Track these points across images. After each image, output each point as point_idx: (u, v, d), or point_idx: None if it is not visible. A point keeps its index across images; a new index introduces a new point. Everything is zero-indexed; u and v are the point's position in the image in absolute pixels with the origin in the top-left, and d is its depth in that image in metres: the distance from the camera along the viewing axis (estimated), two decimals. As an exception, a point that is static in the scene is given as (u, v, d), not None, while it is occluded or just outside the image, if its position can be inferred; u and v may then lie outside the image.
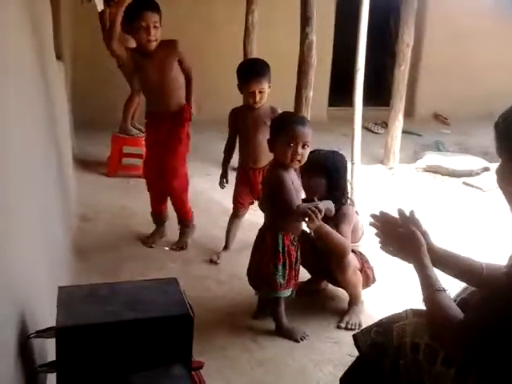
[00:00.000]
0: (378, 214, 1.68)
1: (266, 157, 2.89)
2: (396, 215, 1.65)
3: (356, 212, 2.68)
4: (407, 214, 1.63)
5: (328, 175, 2.58)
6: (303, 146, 2.32)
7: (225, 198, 3.72)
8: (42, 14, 2.77)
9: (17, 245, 1.44)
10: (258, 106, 2.99)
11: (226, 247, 3.21)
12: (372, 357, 1.53)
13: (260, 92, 2.94)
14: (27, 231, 1.64)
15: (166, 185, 3.21)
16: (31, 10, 2.31)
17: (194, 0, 6.03)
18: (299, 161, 2.35)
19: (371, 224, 1.71)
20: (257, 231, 2.53)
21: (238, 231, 3.27)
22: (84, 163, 4.54)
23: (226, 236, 3.22)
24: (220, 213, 3.73)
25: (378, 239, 1.69)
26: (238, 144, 3.21)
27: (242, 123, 3.08)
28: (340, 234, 2.47)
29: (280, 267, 2.39)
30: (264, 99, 2.98)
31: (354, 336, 1.63)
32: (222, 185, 3.20)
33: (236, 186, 3.22)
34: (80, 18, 5.06)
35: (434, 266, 1.57)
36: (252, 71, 2.98)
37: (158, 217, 3.35)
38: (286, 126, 2.34)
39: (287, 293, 2.44)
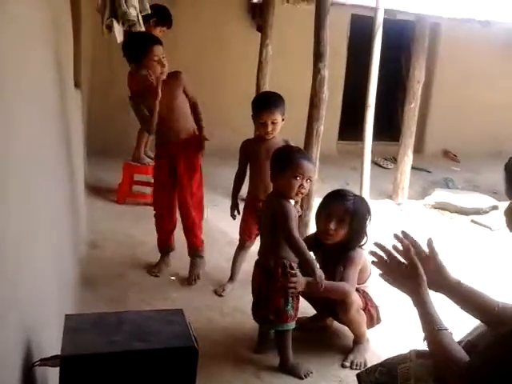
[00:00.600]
0: (381, 243, 1.67)
1: None
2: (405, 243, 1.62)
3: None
4: (409, 241, 1.61)
5: (351, 220, 2.55)
6: (307, 180, 2.39)
7: (231, 228, 3.72)
8: (65, 41, 2.85)
9: (28, 271, 1.45)
10: (269, 137, 3.01)
11: (231, 279, 3.19)
12: None
13: (272, 123, 2.96)
14: (38, 257, 1.65)
15: (184, 215, 3.24)
16: (56, 37, 2.39)
17: (210, 34, 6.18)
18: (302, 193, 2.44)
19: (371, 253, 1.68)
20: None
21: (244, 262, 3.27)
22: (95, 189, 4.58)
23: (231, 268, 3.21)
24: (226, 243, 3.73)
25: (378, 268, 1.66)
26: (247, 175, 3.23)
27: (253, 154, 3.10)
28: (344, 277, 2.48)
29: (290, 299, 2.39)
30: (276, 131, 3.00)
31: (357, 375, 1.61)
32: (233, 216, 3.20)
33: (243, 216, 3.20)
34: (98, 47, 5.19)
35: (448, 296, 1.55)
36: (265, 102, 3.04)
37: (166, 247, 3.36)
38: (294, 161, 2.38)
39: (294, 324, 2.43)
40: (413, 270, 1.56)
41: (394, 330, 2.80)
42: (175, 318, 1.59)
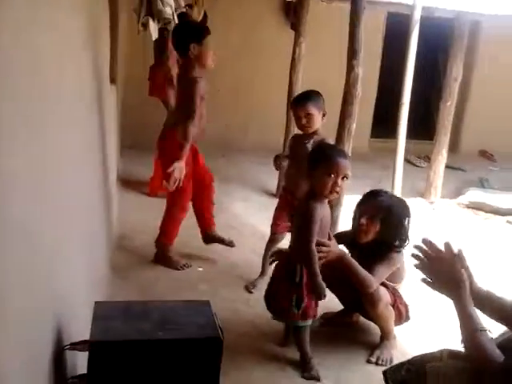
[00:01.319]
0: (422, 244, 1.64)
1: None
2: (441, 247, 1.60)
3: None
4: (454, 249, 1.59)
5: (384, 217, 2.53)
6: (343, 178, 2.33)
7: (262, 223, 3.74)
8: (102, 40, 2.92)
9: (61, 260, 1.50)
10: (306, 130, 3.03)
11: (262, 273, 3.19)
12: None
13: (306, 116, 2.99)
14: (71, 246, 1.70)
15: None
16: (94, 36, 2.45)
17: (245, 33, 6.21)
18: (337, 192, 2.36)
19: (413, 255, 1.66)
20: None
21: None
22: (127, 182, 4.67)
23: (262, 262, 3.22)
24: (257, 238, 3.75)
25: (420, 270, 1.63)
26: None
27: (294, 150, 3.13)
28: (373, 270, 2.45)
29: (294, 297, 2.34)
30: (312, 124, 3.01)
31: (383, 372, 1.60)
32: (275, 164, 3.19)
33: (276, 210, 3.23)
34: (133, 45, 5.28)
35: (474, 305, 1.52)
36: (300, 97, 3.11)
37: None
38: (328, 158, 2.35)
39: (308, 322, 2.39)
40: (453, 270, 1.54)
41: (422, 328, 2.76)
42: (202, 309, 1.61)
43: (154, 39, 4.33)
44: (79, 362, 1.58)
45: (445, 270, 1.56)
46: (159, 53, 4.65)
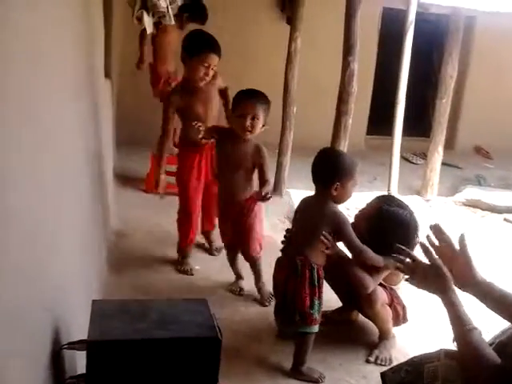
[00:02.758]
0: (403, 247, 1.67)
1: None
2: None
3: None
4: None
5: (400, 234, 2.45)
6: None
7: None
8: (97, 32, 2.90)
9: (58, 257, 1.49)
10: (245, 134, 2.72)
11: (238, 278, 3.08)
12: None
13: (252, 119, 2.68)
14: (67, 244, 1.69)
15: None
16: (89, 28, 2.43)
17: (239, 27, 6.17)
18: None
19: (395, 259, 1.69)
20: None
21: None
22: (123, 179, 4.64)
23: (232, 270, 3.08)
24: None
25: (403, 273, 1.67)
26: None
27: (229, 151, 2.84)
28: (369, 271, 2.43)
29: (317, 301, 2.33)
30: (255, 131, 2.73)
31: (382, 374, 1.59)
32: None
33: (220, 223, 3.01)
34: (127, 38, 5.24)
35: (475, 295, 1.52)
36: (251, 93, 2.78)
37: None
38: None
39: (317, 328, 2.36)
40: (437, 271, 1.56)
41: (421, 328, 2.77)
42: (199, 308, 1.60)
43: (148, 33, 4.29)
44: (78, 362, 1.57)
45: (428, 272, 1.58)
46: (155, 49, 4.63)
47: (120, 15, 4.55)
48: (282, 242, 2.56)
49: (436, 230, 1.63)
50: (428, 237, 1.67)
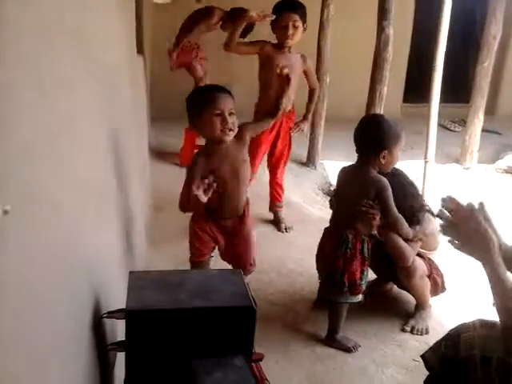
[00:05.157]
0: (442, 202, 1.57)
1: None
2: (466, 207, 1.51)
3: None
4: (477, 207, 1.53)
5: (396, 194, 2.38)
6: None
7: (292, 191, 3.71)
8: (129, 10, 2.90)
9: (95, 231, 1.53)
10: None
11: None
12: (440, 371, 1.48)
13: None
14: (105, 218, 1.73)
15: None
16: (125, 8, 2.43)
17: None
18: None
19: (437, 215, 1.57)
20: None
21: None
22: (158, 153, 4.70)
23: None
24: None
25: (444, 231, 1.55)
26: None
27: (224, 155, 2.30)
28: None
29: (365, 272, 2.34)
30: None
31: (422, 356, 1.58)
32: None
33: (198, 240, 2.44)
34: (157, 14, 5.23)
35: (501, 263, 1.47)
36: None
37: None
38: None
39: (361, 297, 2.37)
40: (481, 229, 1.46)
41: (458, 298, 2.73)
42: (234, 278, 1.62)
43: (161, 1, 4.22)
44: (118, 329, 1.62)
45: (471, 230, 1.47)
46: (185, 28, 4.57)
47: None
48: (330, 203, 2.60)
49: (451, 202, 1.53)
50: (441, 210, 1.56)
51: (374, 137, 2.30)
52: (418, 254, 2.49)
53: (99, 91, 1.73)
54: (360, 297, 2.36)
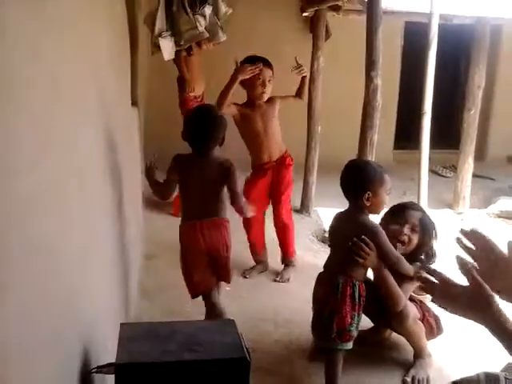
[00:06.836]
0: (430, 267, 1.53)
1: None
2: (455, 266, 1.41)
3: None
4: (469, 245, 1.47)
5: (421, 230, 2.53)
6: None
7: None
8: (125, 62, 2.97)
9: (89, 280, 1.51)
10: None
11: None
12: None
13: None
14: (97, 267, 1.71)
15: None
16: (120, 59, 2.50)
17: (263, 45, 6.24)
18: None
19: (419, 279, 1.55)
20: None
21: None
22: (152, 202, 4.70)
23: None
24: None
25: (430, 295, 1.48)
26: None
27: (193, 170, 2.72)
28: (401, 288, 2.38)
29: (356, 318, 2.30)
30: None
31: None
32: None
33: (194, 270, 2.63)
34: (153, 66, 5.36)
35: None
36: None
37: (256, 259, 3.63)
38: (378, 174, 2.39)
39: (351, 345, 2.32)
40: (477, 290, 1.35)
41: (457, 341, 2.67)
42: (227, 329, 1.59)
43: (166, 59, 4.19)
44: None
45: (465, 293, 1.35)
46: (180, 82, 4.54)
47: (145, 39, 4.63)
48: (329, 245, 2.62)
49: (474, 235, 1.48)
50: (459, 240, 1.50)
51: (355, 179, 2.34)
52: (410, 298, 2.46)
53: (97, 144, 1.75)
54: (350, 344, 2.30)
